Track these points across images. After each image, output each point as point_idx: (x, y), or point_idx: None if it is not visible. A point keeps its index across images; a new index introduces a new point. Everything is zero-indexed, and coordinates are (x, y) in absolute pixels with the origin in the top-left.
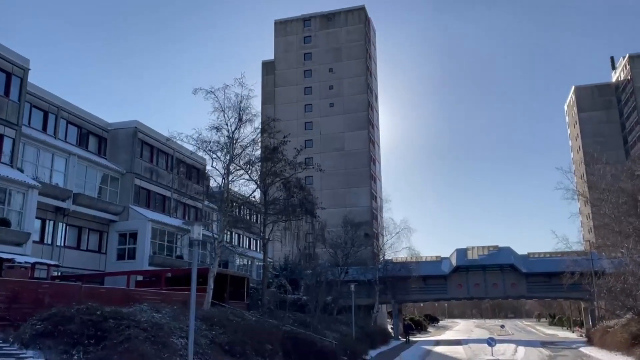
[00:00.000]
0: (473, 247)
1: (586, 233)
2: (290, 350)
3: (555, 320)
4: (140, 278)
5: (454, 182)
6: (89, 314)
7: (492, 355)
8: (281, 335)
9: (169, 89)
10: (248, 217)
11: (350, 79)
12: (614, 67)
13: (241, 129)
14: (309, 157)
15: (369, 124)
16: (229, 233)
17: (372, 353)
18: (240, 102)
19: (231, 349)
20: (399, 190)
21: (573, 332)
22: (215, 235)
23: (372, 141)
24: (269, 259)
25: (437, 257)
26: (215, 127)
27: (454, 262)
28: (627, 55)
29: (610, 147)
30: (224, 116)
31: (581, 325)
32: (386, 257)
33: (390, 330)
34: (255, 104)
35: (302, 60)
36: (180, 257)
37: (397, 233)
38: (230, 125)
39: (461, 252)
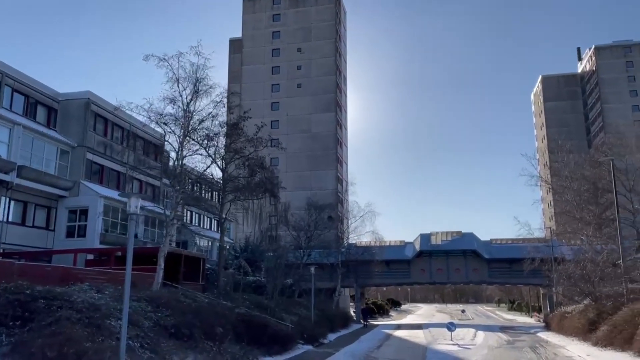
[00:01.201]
0: (437, 233)
1: (547, 220)
2: (243, 333)
3: (515, 306)
4: (91, 257)
5: (421, 168)
6: (17, 292)
7: (451, 339)
8: (234, 317)
9: (131, 66)
10: (205, 194)
11: (319, 60)
12: (580, 58)
13: (197, 101)
14: (275, 138)
15: (337, 107)
16: (188, 213)
17: (331, 337)
18: (196, 71)
19: (177, 331)
20: (365, 174)
21: (531, 317)
22: (167, 213)
23: (339, 124)
24: (230, 240)
25: (401, 241)
26: (169, 99)
27: (417, 247)
28: (593, 47)
29: (574, 137)
30: (178, 86)
31: (539, 310)
32: (350, 241)
33: (353, 314)
34: (213, 75)
35: (271, 39)
36: (135, 235)
37: (361, 217)
38: (187, 97)
39: (425, 237)
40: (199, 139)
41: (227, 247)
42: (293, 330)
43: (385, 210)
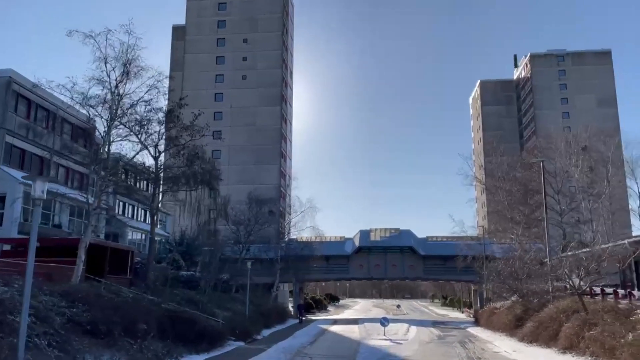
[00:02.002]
0: (376, 229)
1: (481, 219)
2: (169, 329)
3: (447, 302)
4: (8, 247)
5: (362, 165)
6: None
7: (384, 335)
8: (160, 313)
9: (69, 52)
10: (139, 184)
11: (265, 52)
12: (516, 65)
13: (128, 84)
14: (218, 130)
15: (283, 101)
16: (121, 203)
17: (266, 332)
18: (127, 51)
19: (94, 328)
20: (308, 169)
21: (462, 312)
22: (90, 201)
23: (284, 118)
24: (166, 234)
25: (341, 237)
26: (96, 79)
27: (357, 243)
28: (529, 55)
29: (508, 140)
30: (105, 66)
31: (470, 306)
32: (291, 236)
33: (291, 309)
34: (145, 56)
35: (216, 28)
36: (59, 226)
37: (302, 212)
38: (115, 78)
39: (364, 234)
40: (129, 124)
41: (162, 240)
42: (224, 326)
43: (326, 205)
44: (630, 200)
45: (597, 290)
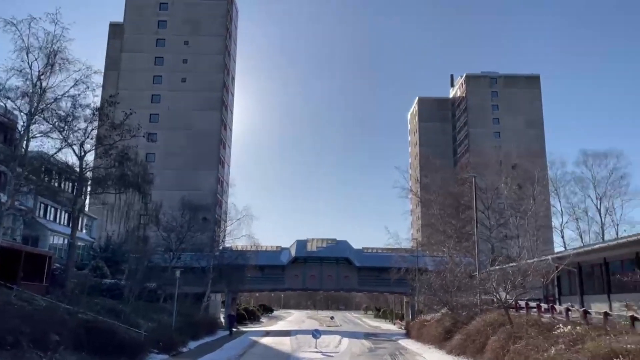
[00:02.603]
0: (313, 239)
1: (415, 232)
2: (84, 341)
3: (380, 313)
4: None
5: (302, 175)
6: None
7: (316, 347)
8: (75, 324)
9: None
10: (64, 185)
11: (206, 56)
12: (452, 84)
13: (52, 77)
14: (153, 133)
15: (223, 106)
16: (42, 206)
17: (193, 344)
18: (52, 42)
19: None
20: (246, 176)
21: (394, 324)
22: (2, 200)
23: (224, 124)
24: (91, 239)
25: (277, 247)
26: (16, 70)
27: (293, 252)
28: (464, 75)
29: (443, 157)
30: (27, 57)
31: (402, 318)
32: (226, 245)
33: (223, 320)
34: (73, 48)
35: (156, 28)
36: None
37: (238, 219)
38: (39, 70)
39: (301, 244)
40: (51, 119)
41: (85, 245)
42: (147, 337)
43: (263, 214)
44: (553, 217)
45: (522, 304)
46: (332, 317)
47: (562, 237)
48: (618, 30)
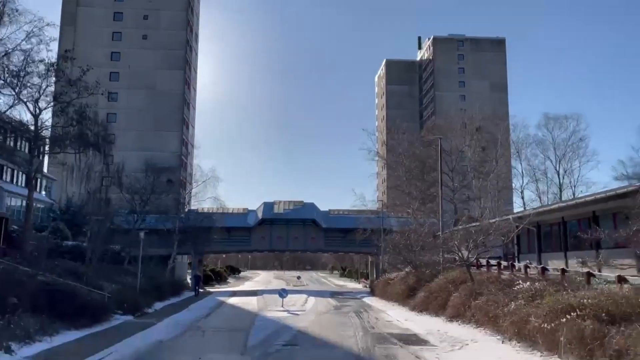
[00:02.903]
0: (280, 202)
1: (381, 195)
2: (44, 304)
3: (346, 273)
4: None
5: (268, 138)
6: None
7: (282, 306)
8: (35, 286)
9: None
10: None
11: (168, 12)
12: (420, 47)
13: (1, 28)
14: (114, 92)
15: (187, 65)
16: None
17: (159, 306)
18: None
19: None
20: (212, 137)
21: (359, 283)
22: None
23: (187, 83)
24: (51, 201)
25: (244, 209)
26: None
27: (260, 215)
28: (432, 37)
29: (410, 120)
30: None
31: (367, 277)
32: (191, 207)
33: (189, 281)
34: (44, 14)
35: None
36: None
37: (203, 181)
38: None
39: (268, 206)
40: (2, 75)
41: (45, 207)
42: (111, 300)
43: (230, 177)
44: (514, 179)
45: (484, 262)
46: (298, 277)
47: (522, 198)
48: None
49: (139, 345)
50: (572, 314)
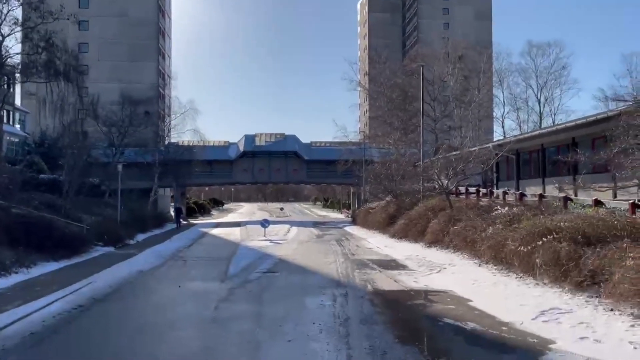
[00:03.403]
0: (261, 134)
1: (363, 126)
2: (21, 237)
3: (328, 204)
4: None
5: (248, 69)
6: None
7: (264, 236)
8: (10, 219)
9: None
10: None
11: None
12: None
13: None
14: (84, 20)
15: None
16: None
17: (141, 237)
18: None
19: None
20: (191, 69)
21: (342, 213)
22: None
23: (162, 11)
24: (25, 134)
25: (225, 142)
26: None
27: (241, 147)
28: None
29: (393, 49)
30: None
31: (349, 207)
32: (171, 140)
33: (173, 214)
34: None
35: None
36: None
37: (182, 113)
38: None
39: (249, 138)
40: None
41: (19, 141)
42: (90, 232)
43: (211, 109)
44: (495, 108)
45: (463, 190)
46: (281, 208)
47: (503, 127)
48: None
49: (119, 274)
50: (548, 236)
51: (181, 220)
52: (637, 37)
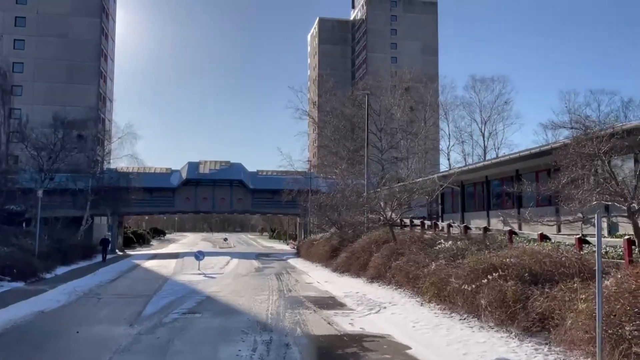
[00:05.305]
0: (205, 161)
1: (311, 157)
2: None
3: (275, 234)
4: None
5: (193, 96)
6: None
7: (199, 269)
8: None
9: None
10: None
11: None
12: (353, 6)
13: None
14: (20, 39)
15: (104, 13)
16: None
17: (62, 270)
18: None
19: None
20: (134, 91)
21: (288, 244)
22: None
23: (105, 33)
24: None
25: (167, 169)
26: None
27: (184, 175)
28: None
29: (342, 81)
30: None
31: (295, 239)
32: (110, 166)
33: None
34: None
35: None
36: None
37: (119, 138)
38: None
39: (193, 166)
40: None
41: None
42: None
43: (153, 136)
44: (441, 141)
45: (407, 222)
46: (225, 239)
47: (448, 159)
48: None
49: (14, 316)
50: (494, 274)
51: (107, 253)
52: (573, 75)
